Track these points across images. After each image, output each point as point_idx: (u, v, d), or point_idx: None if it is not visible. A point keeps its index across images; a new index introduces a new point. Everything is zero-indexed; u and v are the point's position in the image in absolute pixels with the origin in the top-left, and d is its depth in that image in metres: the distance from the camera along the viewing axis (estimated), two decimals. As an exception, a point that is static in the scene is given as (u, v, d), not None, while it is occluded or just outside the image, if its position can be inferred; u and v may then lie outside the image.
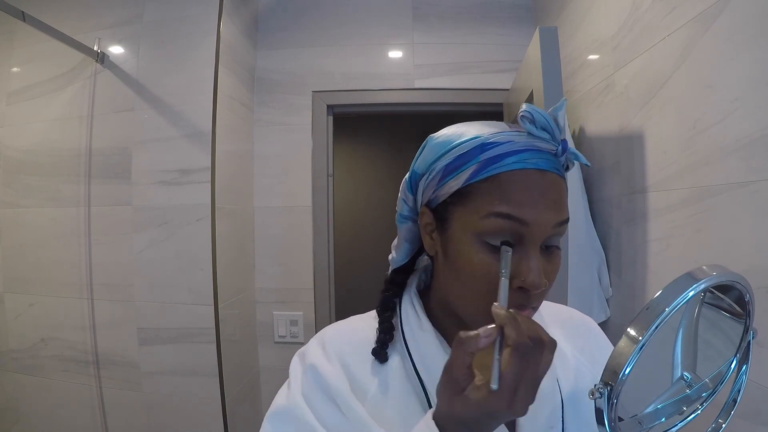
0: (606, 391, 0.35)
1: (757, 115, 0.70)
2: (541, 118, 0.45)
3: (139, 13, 1.45)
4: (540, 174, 0.44)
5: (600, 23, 1.24)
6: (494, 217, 0.44)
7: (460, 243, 0.46)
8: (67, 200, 1.47)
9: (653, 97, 0.99)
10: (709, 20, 0.80)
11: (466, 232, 0.45)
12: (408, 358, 0.50)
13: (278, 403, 0.50)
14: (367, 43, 1.75)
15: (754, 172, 0.71)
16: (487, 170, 0.45)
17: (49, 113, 1.50)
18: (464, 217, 0.46)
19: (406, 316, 0.53)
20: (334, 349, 0.52)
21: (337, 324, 0.58)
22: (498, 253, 0.43)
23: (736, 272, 0.37)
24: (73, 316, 1.46)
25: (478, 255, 0.44)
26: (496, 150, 0.45)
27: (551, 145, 0.46)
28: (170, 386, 1.42)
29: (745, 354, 0.42)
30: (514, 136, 0.46)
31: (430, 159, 0.49)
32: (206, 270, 1.37)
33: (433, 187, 0.49)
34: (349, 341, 0.53)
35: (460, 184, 0.46)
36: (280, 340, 1.72)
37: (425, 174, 0.50)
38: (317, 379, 0.49)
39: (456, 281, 0.47)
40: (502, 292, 0.40)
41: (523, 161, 0.44)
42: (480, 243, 0.44)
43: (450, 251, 0.48)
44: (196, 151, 1.39)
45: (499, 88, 1.70)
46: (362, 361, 0.51)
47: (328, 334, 0.55)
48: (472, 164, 0.45)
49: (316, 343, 0.54)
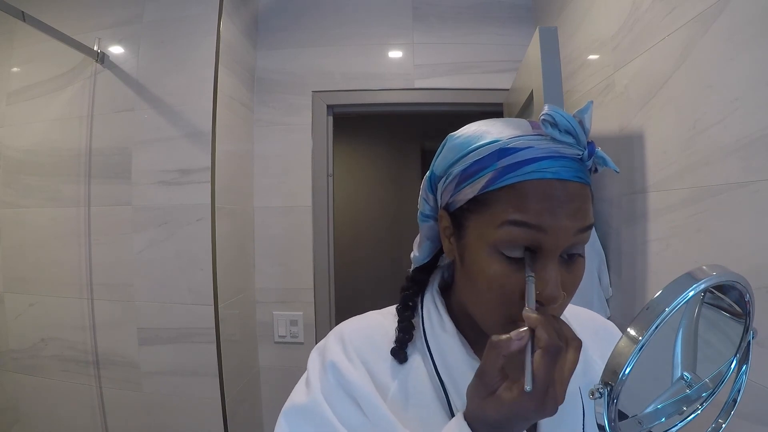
0: (606, 391, 0.35)
1: (757, 115, 0.70)
2: (565, 121, 0.42)
3: (139, 13, 1.45)
4: (561, 183, 0.42)
5: (600, 23, 1.24)
6: (509, 225, 0.42)
7: (476, 253, 0.45)
8: (67, 200, 1.47)
9: (653, 97, 0.99)
10: (709, 20, 0.80)
11: (482, 242, 0.44)
12: (429, 358, 0.50)
13: (296, 400, 0.49)
14: (367, 43, 1.75)
15: (754, 172, 0.71)
16: (503, 179, 0.43)
17: (49, 113, 1.50)
18: (480, 226, 0.44)
19: (428, 314, 0.53)
20: (354, 347, 0.50)
21: (357, 319, 0.56)
22: (515, 265, 0.42)
23: (736, 272, 0.37)
24: (73, 316, 1.46)
25: (493, 267, 0.43)
26: (514, 157, 0.43)
27: (576, 149, 0.43)
28: (170, 386, 1.42)
29: (745, 354, 0.42)
30: (535, 141, 0.43)
31: (448, 161, 0.47)
32: (206, 270, 1.37)
33: (451, 191, 0.48)
34: (370, 338, 0.52)
35: (477, 191, 0.44)
36: (280, 340, 1.72)
37: (443, 177, 0.49)
38: (338, 378, 0.48)
39: (472, 290, 0.47)
40: (530, 295, 0.39)
41: (543, 170, 0.42)
42: (496, 254, 0.43)
43: (466, 260, 0.47)
44: (196, 151, 1.39)
45: (499, 88, 1.70)
46: (382, 360, 0.50)
47: (347, 330, 0.53)
48: (488, 171, 0.44)
49: (335, 338, 0.52)
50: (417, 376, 0.50)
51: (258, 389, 1.71)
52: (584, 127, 0.43)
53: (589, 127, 0.44)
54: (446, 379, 0.48)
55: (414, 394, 0.49)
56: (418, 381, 0.49)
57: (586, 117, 0.43)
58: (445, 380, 0.48)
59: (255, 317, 1.72)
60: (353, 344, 0.51)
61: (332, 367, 0.49)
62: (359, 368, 0.49)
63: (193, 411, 1.41)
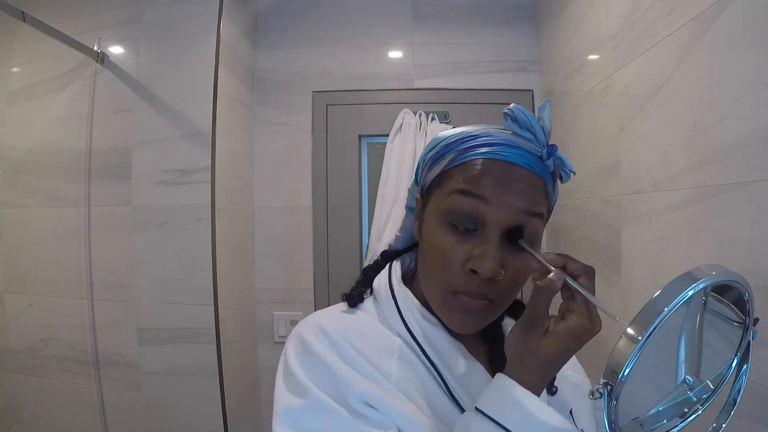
0: (606, 392, 0.35)
1: (757, 115, 0.70)
2: (524, 117, 0.46)
3: (139, 13, 1.45)
4: (509, 165, 0.46)
5: (600, 23, 1.24)
6: (457, 194, 0.46)
7: (430, 222, 0.49)
8: (67, 200, 1.47)
9: (653, 97, 0.99)
10: (709, 20, 0.80)
11: (436, 213, 0.49)
12: (417, 346, 0.50)
13: (288, 402, 0.46)
14: (367, 43, 1.75)
15: (754, 172, 0.71)
16: (461, 157, 0.48)
17: (50, 113, 1.50)
18: (437, 198, 0.49)
19: (404, 303, 0.53)
20: (341, 335, 0.49)
21: (322, 314, 0.54)
22: (461, 236, 0.46)
23: (735, 272, 0.37)
24: (73, 316, 1.46)
25: (439, 235, 0.47)
26: (474, 140, 0.48)
27: (535, 146, 0.47)
28: (170, 386, 1.42)
29: (745, 354, 0.42)
30: (496, 131, 0.48)
31: (427, 150, 0.53)
32: (206, 270, 1.37)
33: (425, 174, 0.53)
34: (352, 328, 0.51)
35: (441, 169, 0.50)
36: (280, 340, 1.72)
37: (422, 163, 0.54)
38: (332, 340, 0.48)
39: (423, 262, 0.50)
40: (539, 257, 0.42)
41: (495, 153, 0.46)
42: (445, 223, 0.47)
43: (423, 233, 0.51)
44: (196, 151, 1.39)
45: (499, 88, 1.70)
46: (374, 350, 0.49)
47: (322, 321, 0.50)
48: (452, 153, 0.49)
49: (313, 331, 0.49)
50: (411, 362, 0.50)
51: (258, 389, 1.71)
52: (543, 124, 0.47)
53: (549, 125, 0.47)
54: (439, 365, 0.49)
55: (413, 378, 0.49)
56: (412, 366, 0.49)
57: (545, 115, 0.47)
58: (438, 366, 0.49)
59: (255, 317, 1.72)
60: (339, 333, 0.49)
61: (321, 332, 0.48)
62: (353, 350, 0.48)
63: (193, 411, 1.41)
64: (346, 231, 1.73)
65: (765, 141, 0.68)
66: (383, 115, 1.70)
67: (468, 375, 0.49)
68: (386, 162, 1.64)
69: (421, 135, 1.64)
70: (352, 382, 0.44)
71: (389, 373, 0.48)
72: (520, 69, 1.72)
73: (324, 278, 1.73)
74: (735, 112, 0.75)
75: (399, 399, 0.45)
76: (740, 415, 0.64)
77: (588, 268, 0.41)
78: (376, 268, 0.59)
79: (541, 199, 0.47)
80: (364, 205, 1.77)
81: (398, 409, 0.44)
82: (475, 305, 0.46)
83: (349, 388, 0.44)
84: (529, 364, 0.40)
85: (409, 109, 1.66)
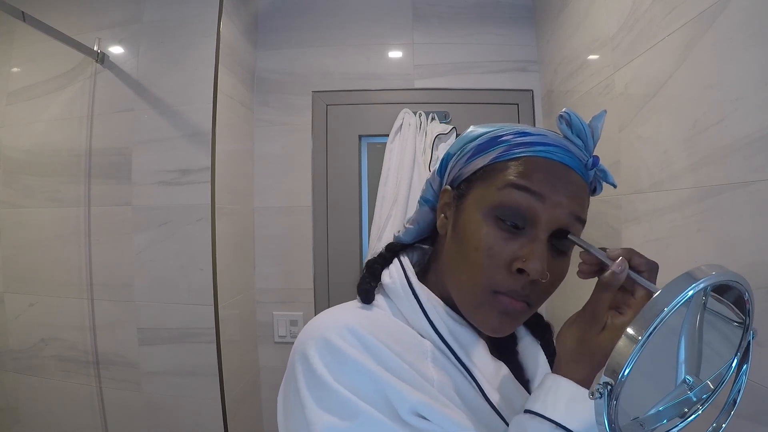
0: (606, 391, 0.35)
1: (757, 115, 0.70)
2: (579, 123, 0.46)
3: (139, 13, 1.45)
4: (564, 168, 0.45)
5: (600, 23, 1.24)
6: (511, 188, 0.44)
7: (473, 214, 0.46)
8: (67, 200, 1.47)
9: (653, 97, 0.99)
10: (709, 20, 0.80)
11: (481, 205, 0.46)
12: (446, 347, 0.48)
13: (328, 424, 0.39)
14: (367, 44, 1.75)
15: (754, 172, 0.71)
16: (513, 152, 0.46)
17: (49, 113, 1.50)
18: (482, 191, 0.47)
19: (428, 301, 0.49)
20: (374, 336, 0.44)
21: (340, 312, 0.48)
22: (506, 233, 0.44)
23: (735, 272, 0.37)
24: (73, 316, 1.46)
25: (484, 228, 0.45)
26: (528, 138, 0.46)
27: (582, 154, 0.46)
28: (170, 386, 1.42)
29: (745, 354, 0.42)
30: (549, 133, 0.47)
31: (466, 140, 0.50)
32: (206, 270, 1.37)
33: (461, 165, 0.50)
34: (380, 327, 0.46)
35: (486, 161, 0.47)
36: (280, 340, 1.72)
37: (456, 153, 0.51)
38: (366, 344, 0.43)
39: (457, 255, 0.47)
40: (597, 253, 0.42)
41: (551, 153, 0.45)
42: (492, 218, 0.45)
43: (459, 224, 0.48)
44: (196, 151, 1.39)
45: (499, 88, 1.70)
46: (409, 351, 0.45)
47: (348, 320, 0.45)
48: (501, 146, 0.47)
49: (341, 333, 0.43)
50: (444, 364, 0.47)
51: (258, 389, 1.71)
52: (594, 134, 0.46)
53: (599, 135, 0.47)
54: (469, 365, 0.47)
55: (451, 382, 0.46)
56: (447, 369, 0.47)
57: (598, 126, 0.46)
58: (468, 366, 0.47)
59: (255, 317, 1.72)
60: (372, 333, 0.44)
61: (352, 333, 0.43)
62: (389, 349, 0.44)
63: (193, 411, 1.41)
64: (346, 231, 1.73)
65: (765, 141, 0.68)
66: (383, 115, 1.70)
67: (495, 375, 0.48)
68: (386, 162, 1.64)
69: (421, 135, 1.64)
70: (405, 393, 0.40)
71: (431, 378, 0.45)
72: (520, 69, 1.72)
73: (324, 278, 1.73)
74: (735, 112, 0.75)
75: (449, 407, 0.43)
76: (740, 415, 0.65)
77: (652, 263, 0.40)
78: (381, 262, 0.55)
79: (586, 206, 0.47)
80: (364, 205, 1.77)
81: (452, 417, 0.41)
82: (516, 307, 0.44)
83: (403, 400, 0.40)
84: (584, 359, 0.40)
85: (409, 109, 1.66)
